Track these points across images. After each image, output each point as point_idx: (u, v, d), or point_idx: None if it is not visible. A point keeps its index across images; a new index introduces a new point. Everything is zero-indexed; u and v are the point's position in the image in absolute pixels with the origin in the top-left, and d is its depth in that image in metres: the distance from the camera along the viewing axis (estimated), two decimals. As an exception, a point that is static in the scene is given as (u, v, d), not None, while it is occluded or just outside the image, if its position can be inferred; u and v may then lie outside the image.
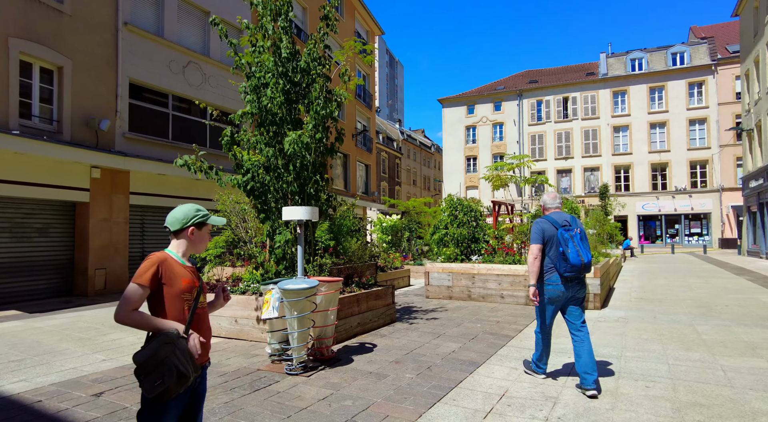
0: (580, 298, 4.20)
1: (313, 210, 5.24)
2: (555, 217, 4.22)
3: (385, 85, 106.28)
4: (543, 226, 4.20)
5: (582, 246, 4.06)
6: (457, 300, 9.75)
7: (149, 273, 1.95)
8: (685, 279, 13.34)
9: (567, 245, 4.02)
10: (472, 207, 10.63)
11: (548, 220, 4.23)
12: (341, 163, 24.43)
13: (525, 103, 40.78)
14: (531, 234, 4.26)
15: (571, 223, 4.20)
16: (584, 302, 4.26)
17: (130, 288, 1.91)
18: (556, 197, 4.44)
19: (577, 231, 4.14)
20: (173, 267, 2.05)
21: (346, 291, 6.76)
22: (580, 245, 4.06)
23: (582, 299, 4.22)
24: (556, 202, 4.40)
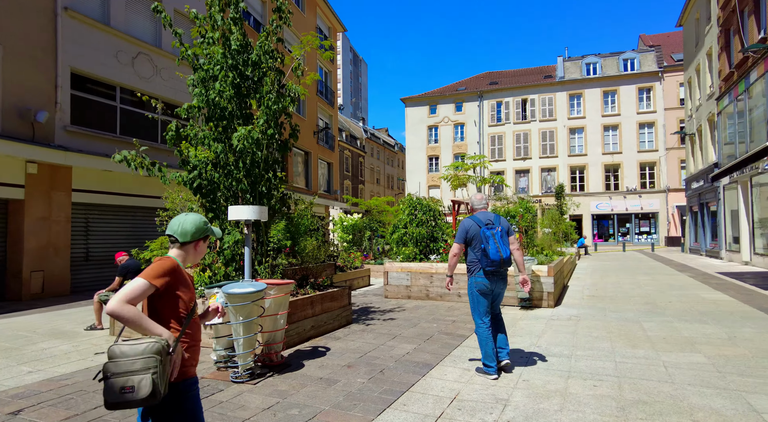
0: (502, 293, 4.68)
1: (261, 209, 5.02)
2: (480, 217, 4.58)
3: (348, 82, 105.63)
4: (467, 226, 4.57)
5: (502, 243, 4.39)
6: (415, 300, 9.72)
7: (166, 278, 1.92)
8: (635, 276, 13.90)
9: (488, 242, 4.37)
10: (431, 206, 10.62)
11: (473, 220, 4.57)
12: (302, 161, 24.02)
13: (485, 104, 41.52)
14: (457, 232, 4.63)
15: (495, 222, 4.53)
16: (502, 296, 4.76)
17: (138, 284, 1.84)
18: (482, 199, 4.78)
19: (498, 229, 4.46)
20: (184, 276, 2.04)
21: (300, 293, 6.55)
22: (500, 242, 4.38)
23: (501, 294, 4.68)
24: (482, 203, 4.76)
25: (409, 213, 10.69)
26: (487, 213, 4.61)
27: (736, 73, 17.05)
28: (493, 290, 4.53)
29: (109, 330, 6.93)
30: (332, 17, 27.71)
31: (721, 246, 19.03)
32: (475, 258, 4.52)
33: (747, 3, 16.11)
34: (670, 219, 35.44)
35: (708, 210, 21.27)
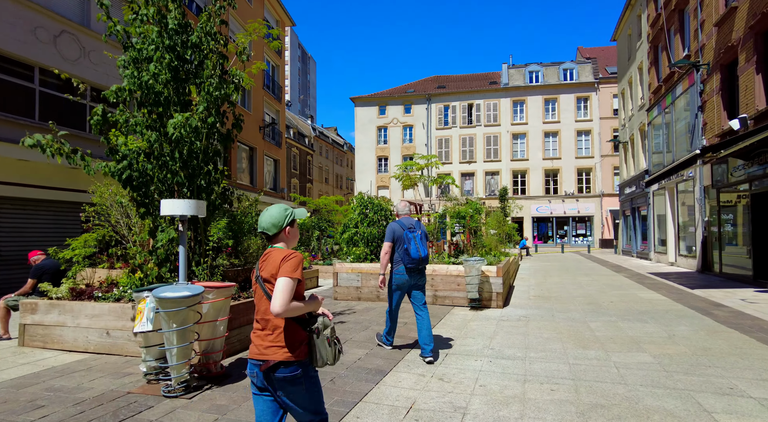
0: (422, 285, 5.35)
1: (198, 204, 4.53)
2: (404, 221, 5.29)
3: (296, 79, 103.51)
4: (394, 228, 5.27)
5: (421, 244, 5.16)
6: (366, 301, 9.44)
7: (300, 269, 2.13)
8: (576, 277, 14.44)
9: (410, 243, 5.10)
10: (382, 205, 10.39)
11: (399, 224, 5.29)
12: (247, 157, 23.04)
13: (433, 107, 42.09)
14: (385, 234, 5.32)
15: (416, 226, 5.28)
16: (424, 287, 5.41)
17: (287, 283, 2.03)
18: (406, 205, 5.53)
19: (419, 233, 5.22)
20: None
21: (243, 296, 6.07)
22: (420, 243, 5.15)
23: (423, 285, 5.35)
24: (406, 209, 5.48)
25: (360, 212, 10.40)
26: (410, 219, 5.36)
27: (664, 86, 18.27)
28: (412, 284, 5.28)
29: (18, 339, 6.08)
30: (280, 10, 26.88)
31: (650, 248, 20.34)
32: (399, 257, 5.22)
33: (673, 22, 17.30)
34: (604, 223, 37.61)
35: (639, 214, 22.70)
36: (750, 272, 11.32)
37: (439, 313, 8.09)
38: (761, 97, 10.75)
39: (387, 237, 5.28)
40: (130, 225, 7.93)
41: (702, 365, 4.77)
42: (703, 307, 8.25)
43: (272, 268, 2.12)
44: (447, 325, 7.14)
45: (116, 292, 5.87)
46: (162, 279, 5.73)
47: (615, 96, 37.89)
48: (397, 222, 5.31)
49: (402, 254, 5.17)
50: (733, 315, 7.48)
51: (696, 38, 14.83)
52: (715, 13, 13.27)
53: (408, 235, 5.13)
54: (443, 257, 9.55)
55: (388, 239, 5.26)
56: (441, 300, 9.03)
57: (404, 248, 5.13)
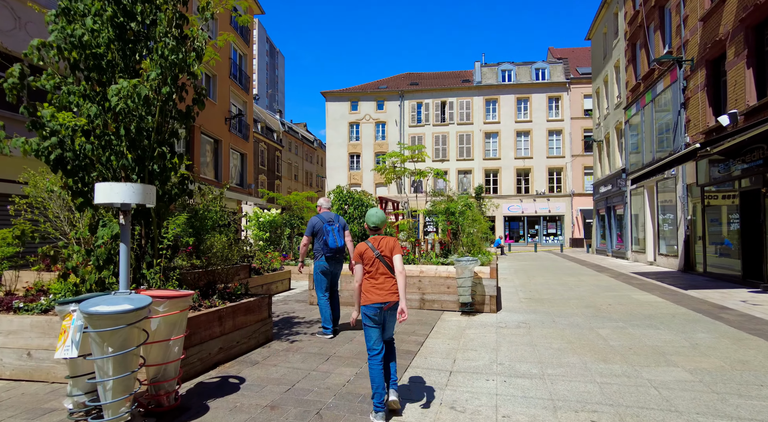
0: (339, 273, 6.27)
1: (146, 190, 3.50)
2: (324, 215, 6.01)
3: (264, 74, 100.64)
4: (314, 222, 6.00)
5: (339, 236, 5.94)
6: (345, 307, 8.50)
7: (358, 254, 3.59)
8: (560, 277, 13.95)
9: (328, 235, 5.88)
10: (363, 200, 9.48)
11: (319, 217, 6.01)
12: (212, 150, 21.58)
13: (406, 104, 41.41)
14: (306, 227, 6.04)
15: (335, 220, 6.02)
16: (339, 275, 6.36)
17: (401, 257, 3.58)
18: (328, 201, 6.29)
19: (337, 226, 5.99)
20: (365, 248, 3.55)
21: (205, 305, 5.03)
22: (337, 235, 5.93)
23: (339, 272, 6.30)
24: (328, 204, 6.25)
25: (339, 207, 9.45)
26: (330, 213, 6.09)
27: (643, 84, 18.14)
28: (332, 271, 6.07)
29: None
30: (249, -4, 25.46)
31: (627, 247, 20.27)
32: (319, 247, 5.99)
33: (653, 19, 17.15)
34: (574, 222, 37.94)
35: (615, 213, 22.68)
36: (739, 272, 11.06)
37: (428, 319, 7.26)
38: (752, 92, 10.47)
39: (307, 231, 6.04)
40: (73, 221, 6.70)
41: (751, 383, 4.11)
42: (708, 310, 7.77)
43: (390, 249, 3.52)
44: (441, 334, 6.31)
45: (44, 302, 4.72)
46: (104, 286, 4.63)
47: (586, 96, 38.30)
48: (318, 217, 6.03)
49: (321, 245, 5.94)
50: (745, 319, 6.99)
51: (678, 34, 14.63)
52: (701, 8, 13.04)
53: (327, 228, 5.93)
54: (430, 257, 8.73)
55: (308, 233, 6.04)
56: (429, 304, 8.21)
57: (323, 239, 5.90)
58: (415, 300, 8.26)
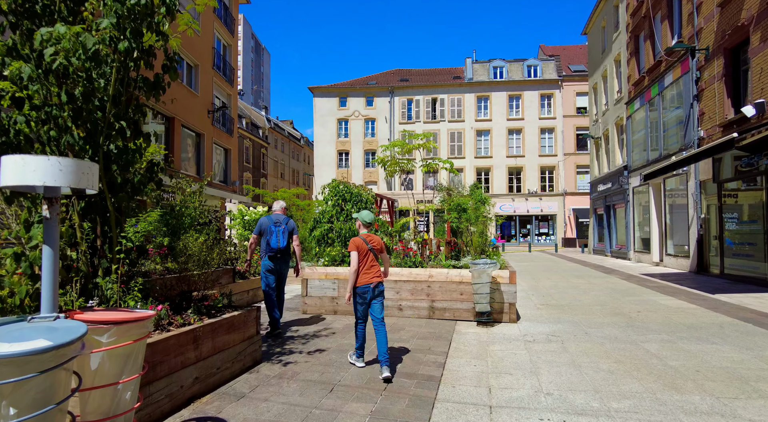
0: (284, 273, 6.39)
1: (79, 167, 2.40)
2: (273, 217, 6.29)
3: (249, 71, 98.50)
4: (261, 222, 6.28)
5: (282, 237, 6.13)
6: (344, 315, 7.47)
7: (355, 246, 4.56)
8: (568, 279, 13.11)
9: (272, 235, 6.13)
10: (362, 195, 8.44)
11: (267, 218, 6.27)
12: (193, 144, 20.28)
13: (396, 100, 40.43)
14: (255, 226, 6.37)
15: (282, 222, 6.25)
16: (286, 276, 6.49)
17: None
18: (279, 203, 6.56)
19: (283, 227, 6.20)
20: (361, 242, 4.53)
21: (176, 323, 3.95)
22: (281, 236, 6.13)
23: (285, 273, 6.42)
24: (278, 207, 6.50)
25: (336, 204, 8.40)
26: (279, 215, 6.33)
27: (648, 77, 17.45)
28: (277, 269, 6.25)
29: None
30: (234, -17, 24.20)
31: (629, 247, 19.58)
32: (264, 246, 6.23)
33: (660, 8, 16.46)
34: (566, 222, 37.42)
35: (614, 212, 22.02)
36: (764, 275, 10.31)
37: (442, 331, 6.28)
38: (781, 80, 9.72)
39: (255, 230, 6.33)
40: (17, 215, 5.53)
41: None
42: (755, 319, 6.94)
43: (379, 244, 4.61)
44: (463, 351, 5.32)
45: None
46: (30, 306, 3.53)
47: (579, 94, 37.81)
48: (268, 217, 6.33)
49: (265, 244, 6.20)
50: (804, 329, 6.16)
51: (690, 23, 13.90)
52: (717, -6, 12.29)
53: (272, 228, 6.16)
54: (440, 260, 7.75)
55: (255, 231, 6.33)
56: (440, 313, 7.22)
57: (267, 239, 6.17)
58: (423, 309, 7.27)
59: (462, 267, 7.44)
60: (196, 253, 4.58)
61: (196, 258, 4.58)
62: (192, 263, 4.54)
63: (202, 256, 4.59)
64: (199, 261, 4.61)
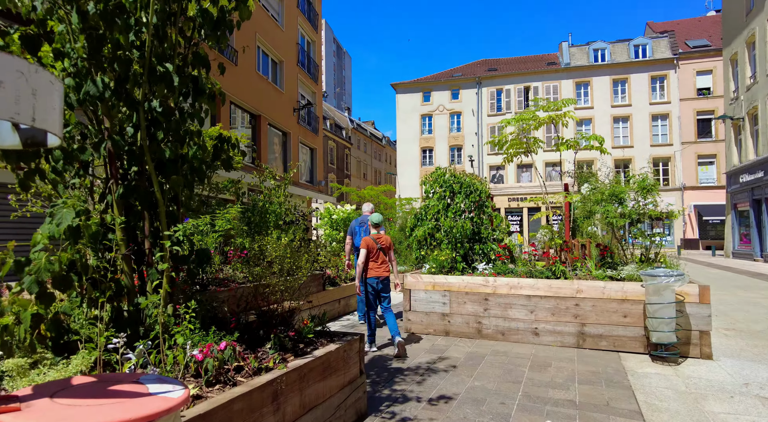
0: None
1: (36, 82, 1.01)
2: (360, 218, 6.77)
3: (332, 75, 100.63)
4: (352, 223, 6.86)
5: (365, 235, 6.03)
6: (458, 338, 5.85)
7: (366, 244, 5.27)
8: (732, 292, 10.31)
9: (357, 236, 6.60)
10: (476, 185, 6.76)
11: (356, 219, 6.86)
12: (280, 143, 19.88)
13: (484, 91, 37.93)
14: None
15: (365, 222, 6.48)
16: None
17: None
18: (368, 205, 6.97)
19: (366, 227, 6.45)
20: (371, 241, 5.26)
21: (248, 369, 2.58)
22: (364, 235, 6.21)
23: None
24: (367, 208, 6.90)
25: (441, 196, 6.81)
26: (366, 216, 6.61)
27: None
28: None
29: None
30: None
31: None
32: (355, 246, 6.68)
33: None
34: (686, 220, 32.45)
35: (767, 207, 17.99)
36: None
37: (607, 370, 4.42)
38: None
39: (349, 231, 6.83)
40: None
41: None
42: None
43: (387, 242, 5.33)
44: (663, 412, 3.45)
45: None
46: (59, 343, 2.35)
47: (700, 73, 32.69)
48: (356, 220, 6.86)
49: (353, 244, 6.70)
50: None
51: None
52: None
53: (357, 229, 6.66)
54: (590, 268, 5.81)
55: (349, 233, 6.81)
56: (593, 340, 5.32)
57: (354, 239, 6.67)
58: (569, 334, 5.42)
59: (624, 279, 5.46)
60: (278, 259, 3.19)
61: (278, 267, 3.20)
62: (270, 273, 3.16)
63: (286, 264, 3.20)
64: (283, 270, 3.23)
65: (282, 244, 3.18)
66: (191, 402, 2.13)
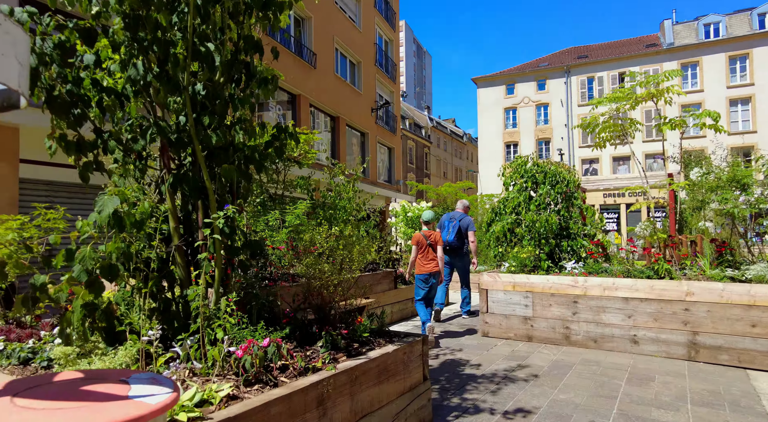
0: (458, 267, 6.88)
1: None
2: (451, 213, 6.90)
3: (412, 75, 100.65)
4: (442, 218, 6.98)
5: (451, 233, 6.63)
6: (542, 344, 5.26)
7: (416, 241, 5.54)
8: None
9: (444, 230, 6.73)
10: (563, 175, 6.07)
11: (447, 214, 6.94)
12: (358, 143, 20.10)
13: (574, 80, 35.37)
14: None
15: (456, 219, 6.71)
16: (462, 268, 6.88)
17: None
18: (462, 202, 7.16)
19: (455, 223, 6.67)
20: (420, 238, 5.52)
21: (294, 366, 2.37)
22: (451, 231, 6.63)
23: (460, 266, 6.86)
24: (460, 205, 7.06)
25: (522, 187, 6.22)
26: (456, 212, 6.86)
27: None
28: (450, 262, 6.87)
29: None
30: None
31: None
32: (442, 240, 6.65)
33: None
34: (829, 215, 27.49)
35: None
36: None
37: (731, 390, 3.62)
38: None
39: (438, 225, 6.83)
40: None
41: None
42: None
43: (436, 239, 5.48)
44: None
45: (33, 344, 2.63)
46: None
47: None
48: (445, 214, 6.97)
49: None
50: None
51: None
52: None
53: (445, 224, 6.78)
54: (702, 267, 4.90)
55: (438, 226, 6.79)
56: (710, 353, 4.46)
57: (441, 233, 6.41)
58: (677, 345, 4.60)
59: (750, 280, 4.51)
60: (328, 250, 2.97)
61: (328, 259, 2.97)
62: (318, 267, 2.94)
63: (337, 255, 2.97)
64: (335, 263, 3.00)
65: (333, 235, 2.94)
66: (225, 402, 1.95)
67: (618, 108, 6.31)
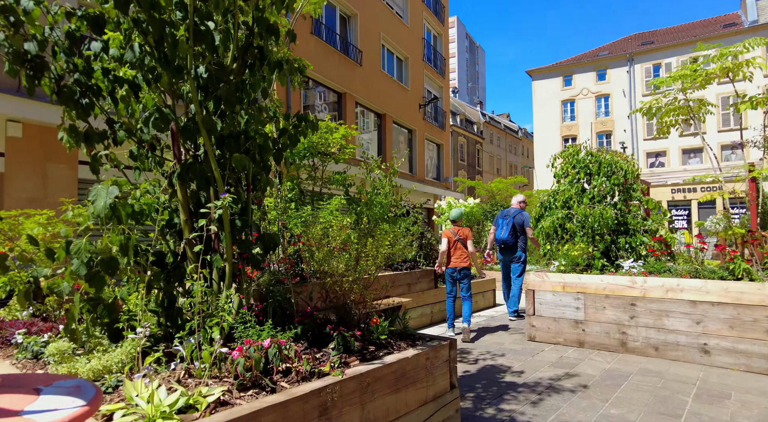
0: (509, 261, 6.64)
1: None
2: (506, 210, 6.78)
3: (464, 71, 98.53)
4: (497, 215, 6.92)
5: (506, 230, 6.54)
6: (594, 350, 4.75)
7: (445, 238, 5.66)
8: None
9: (498, 227, 6.70)
10: (620, 165, 5.49)
11: (501, 212, 6.88)
12: (405, 140, 19.82)
13: (637, 69, 33.01)
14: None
15: (511, 216, 6.59)
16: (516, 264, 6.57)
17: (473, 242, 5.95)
18: (517, 197, 6.99)
19: (509, 220, 6.56)
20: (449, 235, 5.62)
21: (298, 369, 2.16)
22: (505, 228, 6.56)
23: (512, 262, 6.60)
24: (515, 200, 6.90)
25: (574, 179, 5.70)
26: (511, 209, 6.74)
27: None
28: (503, 260, 6.73)
29: None
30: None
31: None
32: (496, 238, 6.81)
33: None
34: None
35: None
36: None
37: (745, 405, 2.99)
38: None
39: (493, 223, 6.95)
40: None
41: None
42: None
43: (465, 235, 5.55)
44: None
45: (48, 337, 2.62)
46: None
47: None
48: (502, 211, 6.89)
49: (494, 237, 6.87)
50: None
51: None
52: None
53: (499, 221, 6.73)
54: (735, 265, 4.17)
55: (493, 224, 6.91)
56: (727, 356, 3.78)
57: (495, 231, 6.77)
58: (759, 357, 3.98)
59: None
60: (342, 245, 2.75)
61: (342, 256, 2.75)
62: (331, 263, 2.72)
63: (352, 249, 2.74)
64: (350, 259, 2.77)
65: (347, 227, 2.71)
66: (213, 409, 1.78)
67: (683, 87, 5.59)
